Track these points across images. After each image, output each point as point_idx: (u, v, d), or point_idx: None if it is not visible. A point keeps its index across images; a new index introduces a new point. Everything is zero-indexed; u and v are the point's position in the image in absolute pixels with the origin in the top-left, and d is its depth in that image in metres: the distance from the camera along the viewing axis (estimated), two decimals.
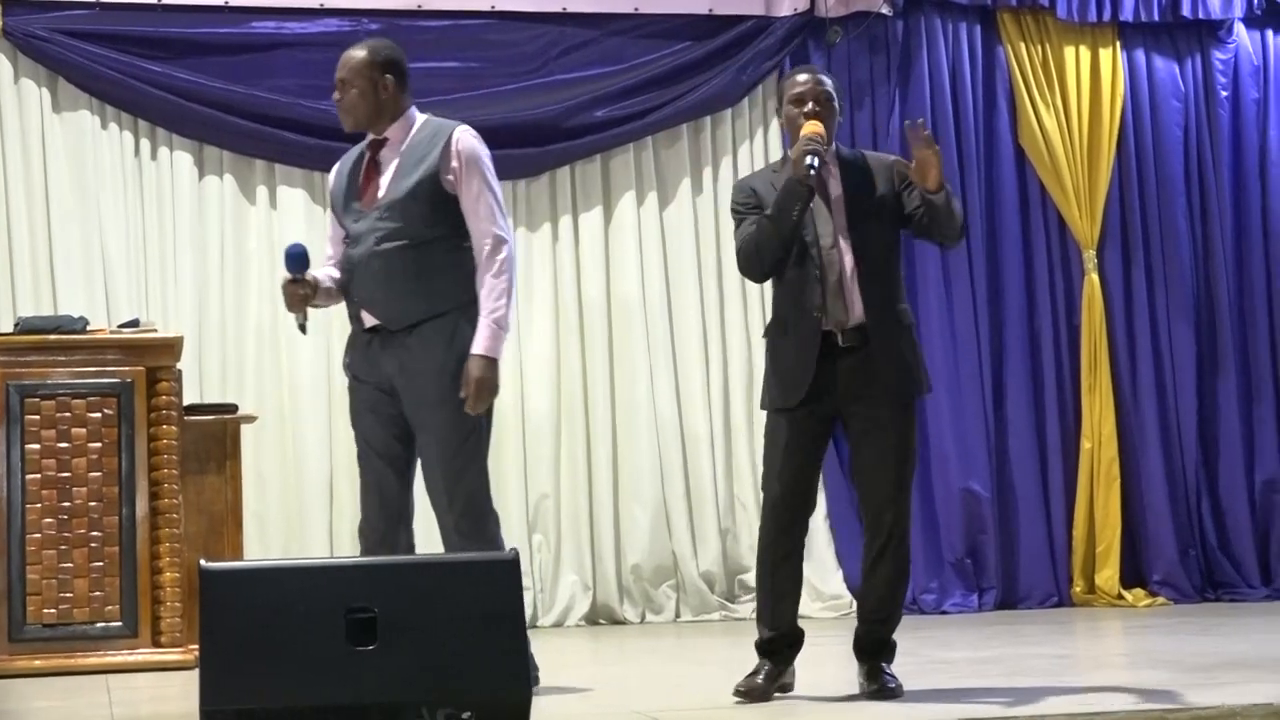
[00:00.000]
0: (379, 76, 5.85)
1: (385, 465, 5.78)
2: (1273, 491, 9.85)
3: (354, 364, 5.82)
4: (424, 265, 5.73)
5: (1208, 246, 9.93)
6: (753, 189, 5.66)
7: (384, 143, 5.88)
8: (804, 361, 5.51)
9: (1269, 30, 10.14)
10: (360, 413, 5.82)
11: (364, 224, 5.79)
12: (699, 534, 9.27)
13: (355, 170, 5.91)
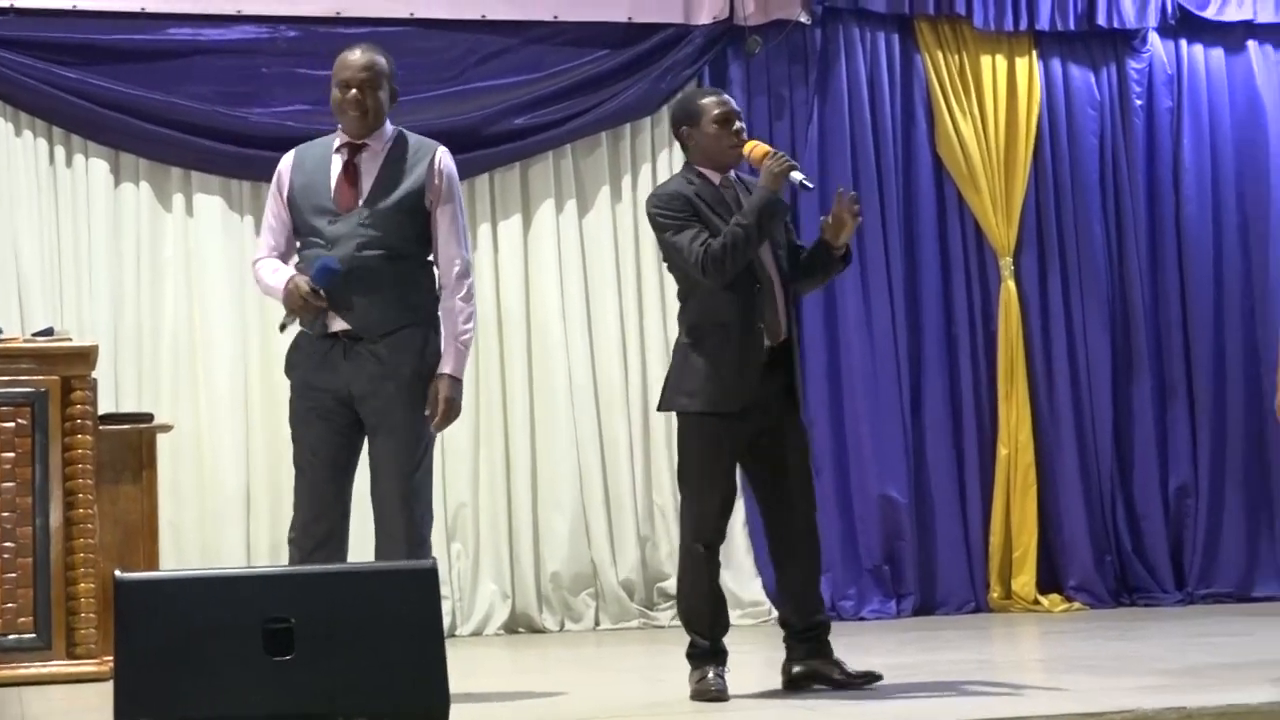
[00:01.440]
0: (391, 85, 5.99)
1: (331, 474, 5.79)
2: (1186, 497, 9.94)
3: (307, 371, 5.80)
4: (401, 276, 5.83)
5: (1122, 253, 10.02)
6: (687, 198, 5.83)
7: (362, 148, 5.90)
8: (749, 371, 5.73)
9: (1183, 40, 10.23)
10: (310, 421, 5.80)
11: (342, 228, 5.81)
12: (618, 542, 9.27)
13: (324, 169, 5.89)
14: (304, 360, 5.84)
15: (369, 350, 5.77)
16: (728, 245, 5.69)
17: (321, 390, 5.79)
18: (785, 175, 5.74)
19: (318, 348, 5.80)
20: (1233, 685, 5.49)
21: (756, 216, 5.70)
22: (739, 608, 9.12)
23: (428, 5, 9.23)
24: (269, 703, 4.33)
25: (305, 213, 5.87)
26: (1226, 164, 10.17)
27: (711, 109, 5.91)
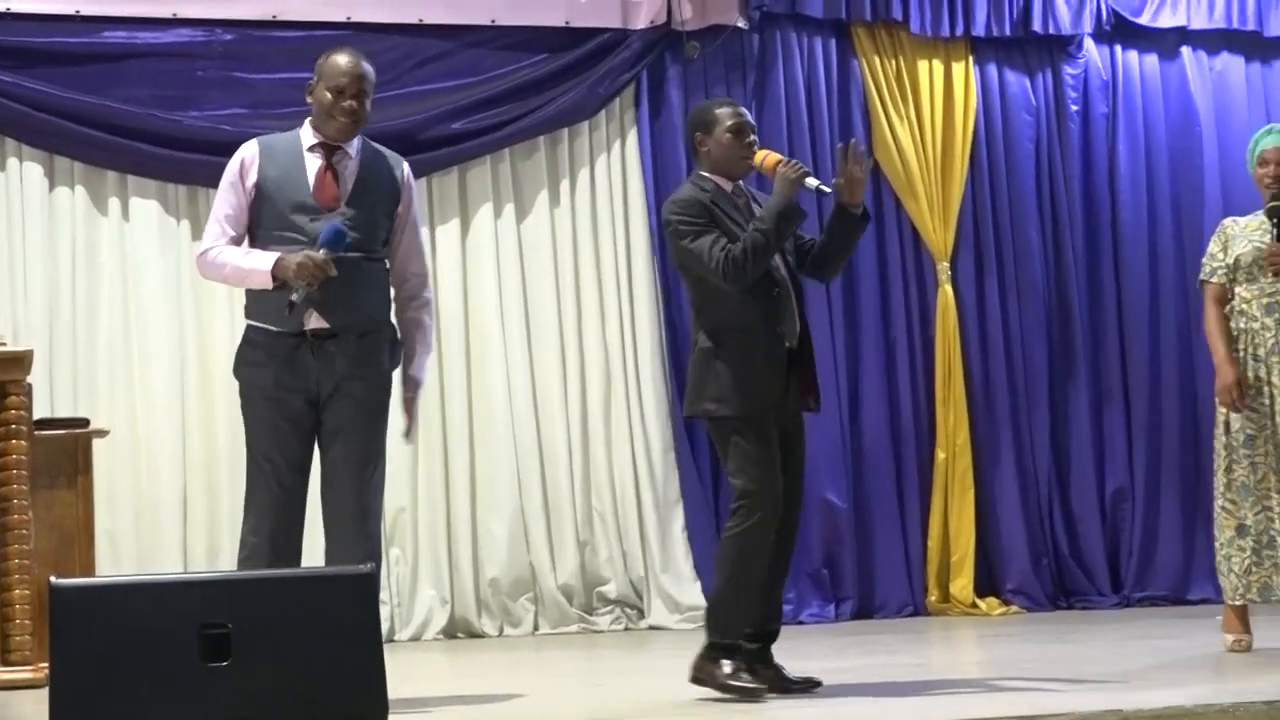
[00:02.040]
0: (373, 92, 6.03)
1: (296, 479, 5.77)
2: (1122, 501, 10.00)
3: (276, 371, 5.73)
4: (375, 278, 5.88)
5: (1059, 258, 10.07)
6: (704, 204, 5.95)
7: (336, 151, 5.89)
8: (776, 372, 5.88)
9: (1118, 46, 10.29)
10: (276, 425, 5.74)
11: (321, 226, 5.77)
12: (557, 546, 9.27)
13: (299, 166, 5.85)
14: (267, 359, 5.74)
15: (339, 350, 5.75)
16: (748, 250, 5.80)
17: (291, 391, 5.73)
18: (800, 182, 5.89)
19: (282, 345, 5.73)
20: (1169, 687, 5.52)
21: (775, 222, 5.83)
22: (677, 612, 9.15)
23: (365, 9, 9.21)
24: (206, 709, 4.31)
25: (279, 206, 5.81)
26: (1161, 170, 10.24)
27: (726, 119, 6.07)
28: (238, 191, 5.86)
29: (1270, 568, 6.90)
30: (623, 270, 9.47)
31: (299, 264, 5.61)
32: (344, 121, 5.87)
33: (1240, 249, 7.02)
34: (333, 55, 5.96)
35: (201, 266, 5.96)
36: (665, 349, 9.46)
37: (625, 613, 9.27)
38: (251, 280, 5.78)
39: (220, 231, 5.85)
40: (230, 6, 9.06)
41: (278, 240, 5.77)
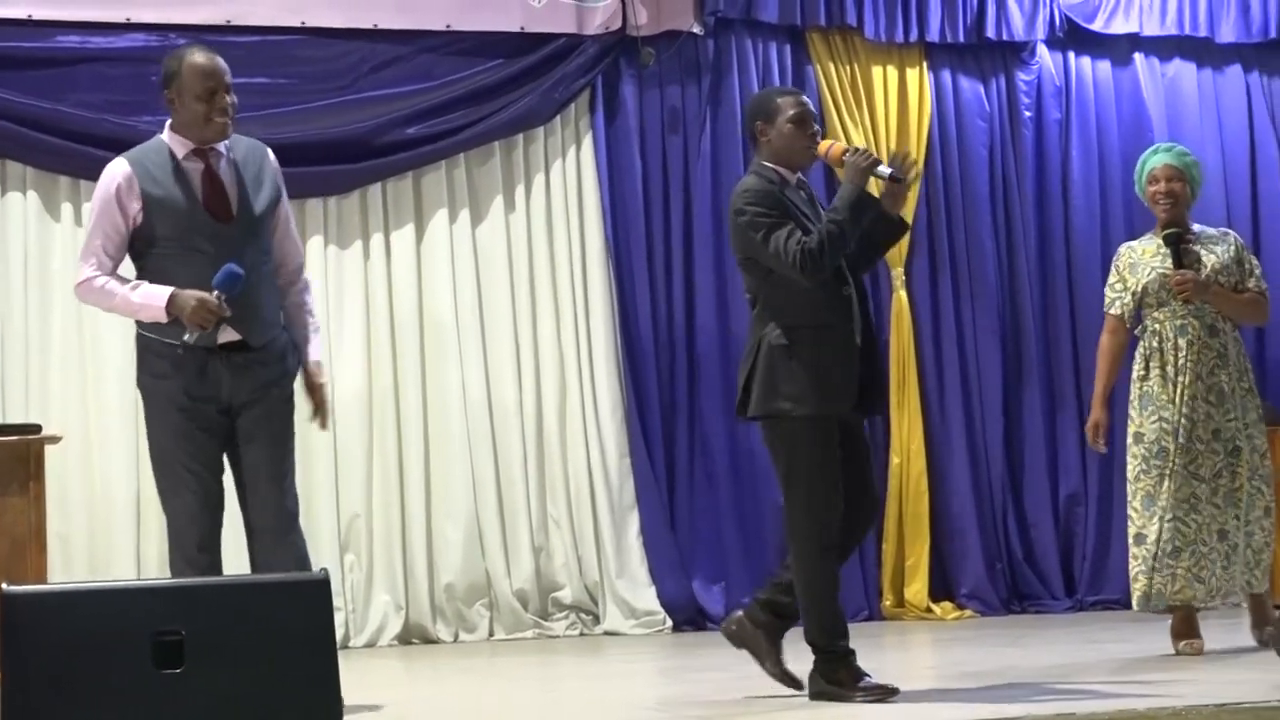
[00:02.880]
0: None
1: (217, 488, 5.73)
2: (1076, 505, 10.05)
3: (187, 384, 5.66)
4: (270, 283, 5.84)
5: (1012, 263, 10.11)
6: (776, 197, 5.82)
7: (209, 154, 5.80)
8: (850, 369, 5.78)
9: (1070, 52, 10.34)
10: (191, 435, 5.68)
11: (226, 241, 5.71)
12: (512, 552, 9.26)
13: (180, 180, 5.74)
14: (176, 372, 5.67)
15: (249, 359, 5.72)
16: (825, 242, 5.67)
17: (204, 401, 5.68)
18: (871, 170, 5.75)
19: (194, 359, 5.66)
20: (1121, 691, 5.54)
21: (849, 211, 5.70)
22: (633, 617, 9.15)
23: (320, 13, 9.19)
24: (158, 716, 4.29)
25: (170, 226, 5.69)
26: (1114, 174, 10.28)
27: (788, 108, 5.93)
28: (116, 216, 5.72)
29: (1167, 576, 6.98)
30: (578, 276, 9.47)
31: (194, 308, 5.55)
32: (224, 121, 5.75)
33: (1145, 278, 7.18)
34: (187, 59, 5.78)
35: (85, 294, 5.81)
36: (621, 354, 9.47)
37: (581, 618, 9.27)
38: (143, 314, 5.69)
39: (96, 258, 5.73)
40: (184, 11, 9.02)
41: (175, 259, 5.69)
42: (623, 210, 9.57)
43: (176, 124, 5.80)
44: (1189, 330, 7.08)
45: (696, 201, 9.61)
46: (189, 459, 5.68)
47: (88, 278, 5.75)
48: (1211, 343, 7.09)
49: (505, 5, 9.45)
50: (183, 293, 5.59)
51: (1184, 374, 7.06)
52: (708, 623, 9.33)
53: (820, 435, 5.72)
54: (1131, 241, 7.49)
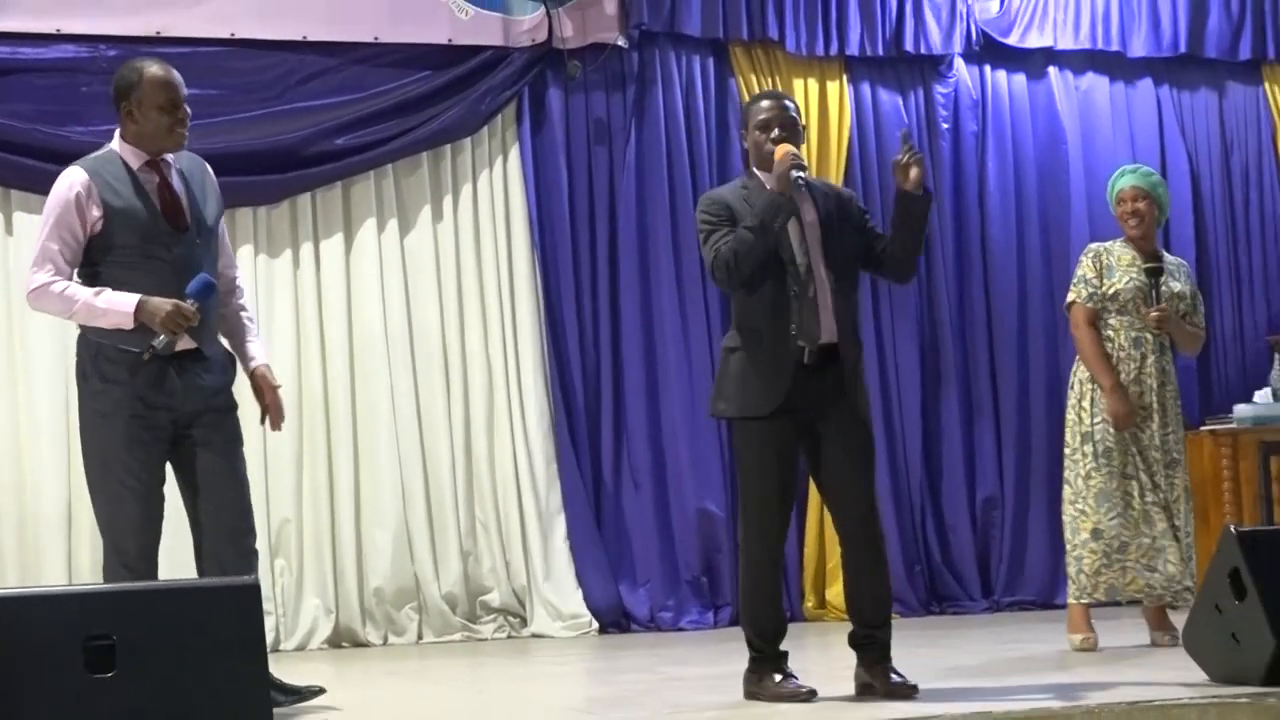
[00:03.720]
0: None
1: (160, 497, 5.71)
2: (992, 509, 10.11)
3: (142, 389, 5.62)
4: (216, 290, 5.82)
5: (930, 273, 10.15)
6: (726, 203, 5.78)
7: (160, 165, 5.80)
8: (781, 374, 5.65)
9: (987, 66, 10.41)
10: (143, 442, 5.63)
11: (183, 250, 5.71)
12: (440, 556, 9.25)
13: (136, 190, 5.72)
14: (131, 378, 5.63)
15: (203, 368, 5.73)
16: (735, 250, 5.64)
17: (158, 409, 5.65)
18: (785, 175, 5.62)
19: (150, 366, 5.62)
20: (1036, 689, 5.58)
21: (760, 215, 5.63)
22: (560, 620, 9.15)
23: (248, 25, 9.16)
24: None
25: (130, 234, 5.68)
26: (1029, 185, 10.36)
27: (756, 114, 5.87)
28: (75, 223, 5.69)
29: (1119, 570, 7.28)
30: (505, 284, 9.47)
31: (168, 314, 5.55)
32: (183, 132, 5.80)
33: (1121, 283, 7.38)
34: (146, 71, 5.80)
35: (42, 299, 5.72)
36: (547, 362, 9.47)
37: (508, 621, 9.26)
38: (106, 320, 5.63)
39: (52, 264, 5.67)
40: (114, 22, 8.97)
41: (134, 268, 5.66)
42: (549, 220, 9.58)
43: (131, 135, 5.78)
44: (1143, 344, 7.34)
45: (622, 211, 9.62)
46: (139, 467, 5.63)
47: (44, 283, 5.68)
48: (1160, 360, 7.38)
49: (433, 18, 9.44)
50: (153, 300, 5.58)
51: (1135, 384, 7.31)
52: (632, 625, 9.35)
53: (756, 437, 5.71)
54: (1105, 243, 7.59)
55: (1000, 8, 10.37)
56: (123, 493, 5.64)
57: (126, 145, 5.79)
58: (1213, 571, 5.74)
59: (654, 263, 9.64)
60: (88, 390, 5.73)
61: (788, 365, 5.67)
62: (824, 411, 5.71)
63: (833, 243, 5.81)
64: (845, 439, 5.75)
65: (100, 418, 5.68)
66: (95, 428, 5.69)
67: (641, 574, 9.47)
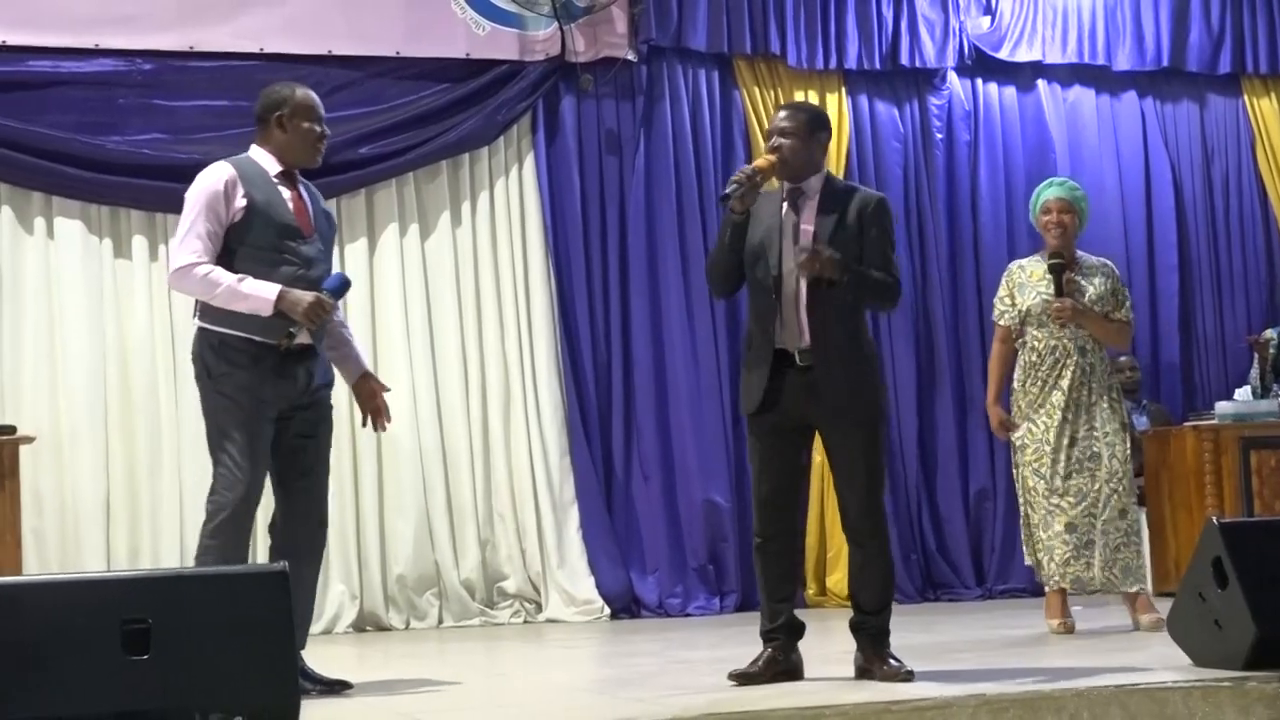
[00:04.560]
0: None
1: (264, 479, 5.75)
2: (985, 500, 10.09)
3: (265, 378, 5.65)
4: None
5: (925, 275, 10.15)
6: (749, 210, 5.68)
7: (293, 175, 5.88)
8: (759, 375, 5.63)
9: (979, 79, 10.40)
10: (264, 428, 5.67)
11: (310, 251, 5.81)
12: (460, 545, 9.24)
13: (277, 192, 5.78)
14: (254, 364, 5.64)
15: (310, 364, 5.78)
16: (708, 260, 5.79)
17: (279, 397, 5.68)
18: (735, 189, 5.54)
19: (269, 354, 5.65)
20: (1028, 673, 5.56)
21: (719, 232, 5.70)
22: (573, 605, 9.14)
23: (277, 40, 9.16)
24: (127, 700, 4.27)
25: (268, 230, 5.71)
26: (1019, 192, 10.33)
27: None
28: (219, 211, 5.69)
29: (1084, 564, 7.30)
30: (520, 286, 9.47)
31: (311, 306, 5.61)
32: (321, 149, 5.90)
33: (1029, 300, 7.45)
34: (297, 90, 5.89)
35: (185, 279, 5.70)
36: (561, 360, 9.46)
37: (524, 606, 9.25)
38: (247, 305, 5.63)
39: (202, 248, 5.65)
40: (149, 38, 8.98)
41: (266, 262, 5.69)
42: (563, 225, 9.57)
43: (274, 145, 5.85)
44: (1058, 350, 7.38)
45: (631, 216, 9.62)
46: (255, 449, 5.65)
47: (190, 264, 5.66)
48: (1081, 362, 7.37)
49: (451, 33, 9.44)
50: (294, 290, 5.64)
51: (1054, 389, 7.37)
52: (642, 610, 9.34)
53: (751, 432, 5.71)
54: (1022, 260, 7.68)
55: (991, 24, 10.37)
56: (237, 471, 5.62)
57: (267, 154, 5.85)
58: (1196, 561, 5.71)
59: (662, 265, 9.63)
60: (211, 378, 5.70)
61: (766, 367, 5.63)
62: (819, 412, 5.63)
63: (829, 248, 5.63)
64: (840, 439, 5.66)
65: (224, 399, 5.66)
66: (219, 410, 5.68)
67: (651, 562, 9.47)
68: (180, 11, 9.03)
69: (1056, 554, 7.29)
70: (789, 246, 5.62)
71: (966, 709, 4.83)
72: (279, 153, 5.84)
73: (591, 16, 9.62)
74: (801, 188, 5.68)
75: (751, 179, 5.56)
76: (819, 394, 5.58)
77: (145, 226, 8.98)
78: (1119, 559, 7.27)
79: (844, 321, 5.62)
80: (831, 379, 5.57)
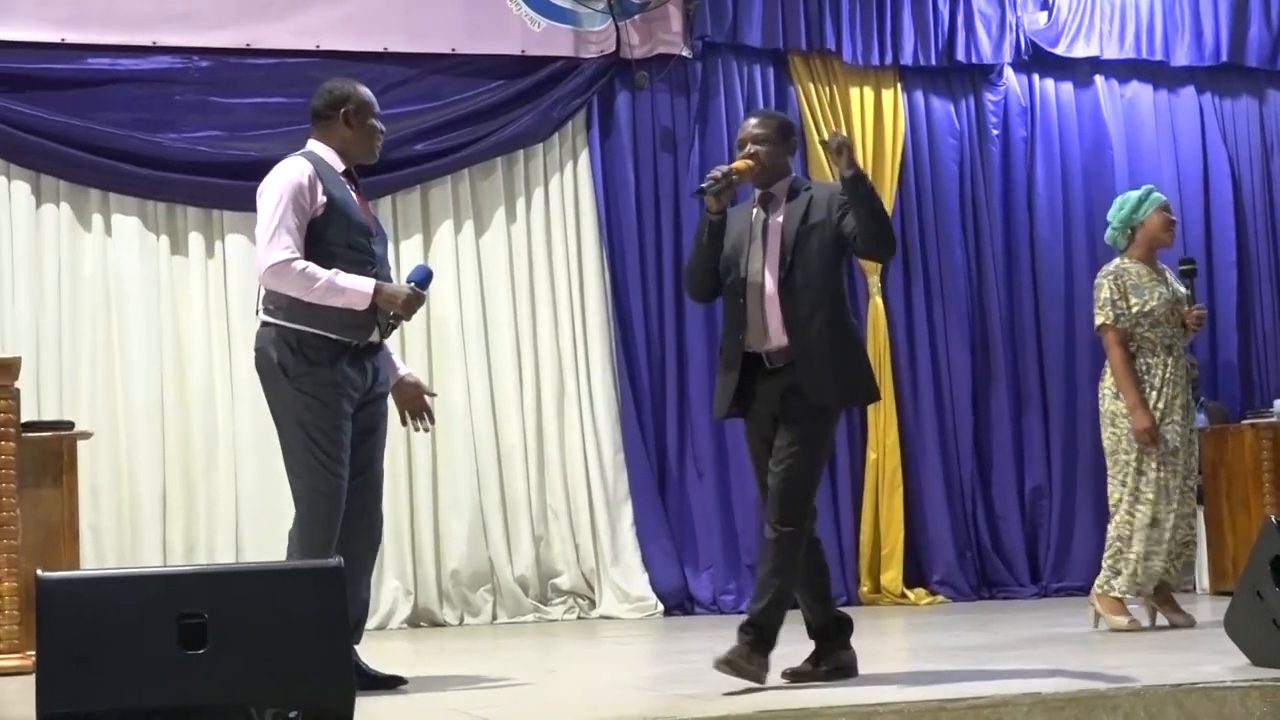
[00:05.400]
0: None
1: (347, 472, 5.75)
2: (1040, 497, 10.05)
3: (344, 373, 5.66)
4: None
5: (981, 272, 10.11)
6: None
7: (353, 173, 5.90)
8: (729, 380, 5.64)
9: (1035, 74, 10.35)
10: (344, 423, 5.67)
11: (380, 249, 5.88)
12: (514, 541, 9.26)
13: (347, 190, 5.80)
14: (331, 360, 5.63)
15: (377, 360, 5.83)
16: (686, 267, 5.78)
17: (355, 390, 5.69)
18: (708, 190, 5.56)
19: (341, 351, 5.65)
20: (1084, 671, 5.54)
21: (696, 235, 5.70)
22: (626, 602, 9.15)
23: (333, 38, 9.19)
24: (182, 694, 4.29)
25: (345, 227, 5.72)
26: (1076, 189, 10.29)
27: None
28: (303, 206, 5.67)
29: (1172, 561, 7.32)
30: (575, 282, 9.48)
31: (409, 298, 5.68)
32: (378, 147, 5.93)
33: (1153, 301, 7.41)
34: (358, 87, 5.90)
35: (282, 274, 5.62)
36: (615, 356, 9.47)
37: (578, 603, 9.27)
38: (344, 300, 5.61)
39: (291, 242, 5.61)
40: (207, 35, 9.03)
41: (343, 259, 5.68)
42: (617, 221, 9.58)
43: (337, 141, 5.85)
44: (1174, 350, 7.42)
45: (686, 214, 9.61)
46: (339, 445, 5.65)
47: (286, 259, 5.61)
48: (1183, 361, 7.47)
49: (507, 30, 9.45)
50: (389, 284, 5.72)
51: (1169, 386, 7.37)
52: (696, 608, 9.34)
53: (746, 435, 5.78)
54: (1122, 263, 7.52)
55: (1048, 19, 10.31)
56: (329, 466, 5.62)
57: (331, 150, 5.84)
58: (1254, 559, 5.68)
59: None
60: (288, 375, 5.66)
61: (734, 373, 5.62)
62: (779, 414, 5.60)
63: (793, 247, 5.59)
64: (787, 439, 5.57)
65: (306, 398, 5.64)
66: (302, 408, 5.64)
67: (704, 559, 9.46)
68: (238, 9, 9.07)
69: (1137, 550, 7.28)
70: (757, 249, 5.62)
71: (1021, 707, 4.81)
72: (342, 148, 5.84)
73: (646, 13, 9.62)
74: (772, 192, 5.73)
75: (728, 178, 5.57)
76: (790, 392, 5.54)
77: (202, 223, 9.03)
78: (1184, 554, 7.30)
79: (821, 309, 5.56)
80: (805, 373, 5.51)
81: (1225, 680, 5.09)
